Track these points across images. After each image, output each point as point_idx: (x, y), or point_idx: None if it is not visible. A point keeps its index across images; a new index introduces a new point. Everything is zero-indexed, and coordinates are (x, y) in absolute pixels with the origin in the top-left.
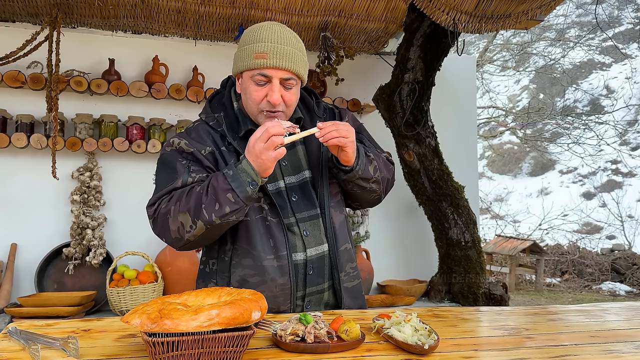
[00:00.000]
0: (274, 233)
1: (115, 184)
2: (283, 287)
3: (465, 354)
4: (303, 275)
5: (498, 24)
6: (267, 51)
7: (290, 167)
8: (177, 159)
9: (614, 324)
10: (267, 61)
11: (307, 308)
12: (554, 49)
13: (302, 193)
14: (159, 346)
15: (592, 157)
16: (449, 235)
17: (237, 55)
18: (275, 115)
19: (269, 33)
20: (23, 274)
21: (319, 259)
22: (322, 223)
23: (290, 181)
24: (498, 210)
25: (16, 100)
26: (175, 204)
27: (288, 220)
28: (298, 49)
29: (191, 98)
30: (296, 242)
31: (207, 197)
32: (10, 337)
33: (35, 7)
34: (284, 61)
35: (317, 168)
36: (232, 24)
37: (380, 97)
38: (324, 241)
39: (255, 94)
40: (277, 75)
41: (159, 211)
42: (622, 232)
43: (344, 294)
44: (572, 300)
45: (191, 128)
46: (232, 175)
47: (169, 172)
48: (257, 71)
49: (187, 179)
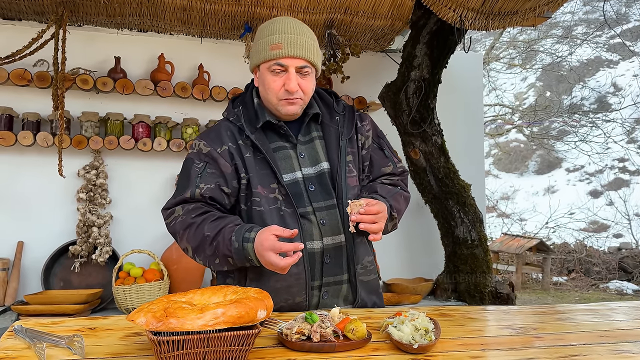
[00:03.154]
0: (287, 223)
1: (121, 182)
2: (297, 277)
3: (473, 353)
4: (320, 265)
5: (505, 21)
6: (282, 42)
7: (307, 159)
8: (194, 163)
9: (622, 324)
10: (282, 51)
11: (323, 299)
12: (561, 47)
13: (319, 183)
14: (164, 345)
15: (599, 155)
16: (455, 233)
17: (253, 50)
18: (293, 101)
19: (282, 25)
20: (29, 272)
21: (335, 249)
22: (339, 213)
23: (308, 172)
24: (504, 208)
25: (22, 98)
26: (185, 231)
27: (304, 209)
28: (311, 38)
29: (197, 96)
30: (312, 230)
31: (210, 248)
32: (16, 335)
33: (41, 6)
34: (298, 50)
35: (336, 161)
36: (237, 21)
37: (386, 95)
38: (341, 231)
39: (273, 84)
40: (292, 64)
41: (171, 224)
42: (630, 230)
43: (359, 287)
44: (579, 299)
45: (212, 128)
46: (236, 249)
47: (185, 178)
48: (273, 61)
49: (196, 191)
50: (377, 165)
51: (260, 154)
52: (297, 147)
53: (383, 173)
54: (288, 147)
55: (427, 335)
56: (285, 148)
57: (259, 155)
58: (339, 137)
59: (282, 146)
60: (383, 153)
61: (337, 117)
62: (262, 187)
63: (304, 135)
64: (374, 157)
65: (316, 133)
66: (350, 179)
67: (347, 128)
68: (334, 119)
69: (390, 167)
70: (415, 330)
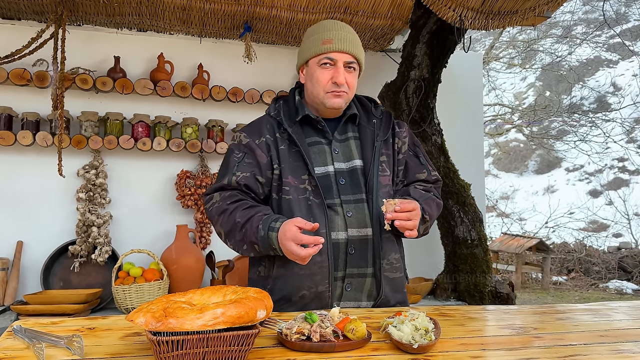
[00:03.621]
0: (314, 212)
1: (120, 182)
2: (320, 266)
3: (473, 353)
4: (344, 255)
5: (505, 20)
6: (333, 37)
7: (341, 155)
8: (233, 153)
9: (622, 323)
10: (333, 45)
11: (347, 290)
12: (560, 46)
13: (350, 178)
14: (163, 345)
15: (598, 154)
16: (455, 233)
17: (302, 48)
18: (339, 94)
19: (332, 24)
20: (29, 272)
21: (361, 241)
22: (367, 208)
23: (340, 167)
24: (504, 208)
25: (22, 98)
26: (219, 216)
27: (332, 200)
28: (357, 38)
29: (196, 96)
30: (338, 221)
31: (240, 234)
32: (15, 336)
33: (40, 5)
34: (348, 46)
35: (370, 159)
36: (237, 21)
37: (386, 95)
38: (368, 225)
39: (322, 77)
40: (341, 58)
41: (209, 209)
42: (629, 230)
43: (383, 282)
44: (578, 299)
45: (254, 121)
46: (262, 237)
47: (224, 166)
48: (324, 55)
49: (232, 178)
50: (412, 171)
51: (295, 147)
52: (332, 143)
53: (417, 179)
54: (324, 142)
55: (427, 335)
56: (321, 143)
57: (294, 148)
58: (374, 138)
59: (318, 141)
60: (418, 160)
61: (374, 120)
62: (292, 177)
63: (340, 134)
64: (409, 163)
65: (352, 133)
66: (382, 177)
67: (383, 131)
68: (370, 121)
69: (424, 174)
70: (415, 330)
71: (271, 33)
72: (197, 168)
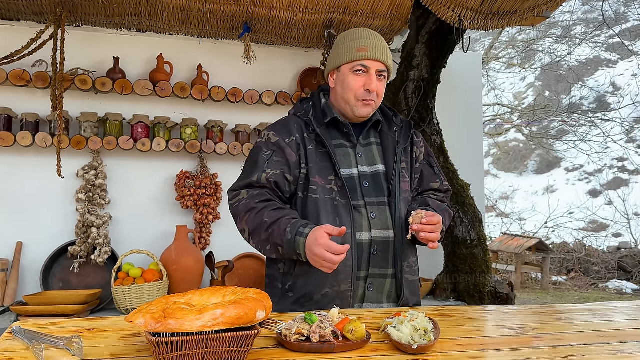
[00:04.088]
0: (340, 212)
1: (120, 183)
2: (344, 264)
3: (472, 354)
4: (367, 255)
5: (504, 20)
6: (368, 45)
7: (365, 159)
8: (262, 151)
9: (622, 324)
10: (368, 53)
11: (369, 291)
12: (559, 46)
13: (373, 181)
14: (163, 346)
15: (598, 154)
16: (454, 233)
17: (335, 53)
18: (369, 103)
19: (367, 32)
20: (28, 273)
21: (384, 243)
22: (389, 211)
23: (364, 170)
24: (504, 208)
25: (21, 98)
26: (246, 214)
27: (357, 202)
28: (388, 47)
29: (196, 96)
30: (362, 222)
31: (265, 234)
32: (15, 337)
33: (40, 6)
34: (382, 54)
35: (392, 165)
36: (236, 21)
37: (386, 95)
38: (390, 227)
39: (354, 83)
40: (374, 66)
41: (234, 205)
42: (629, 229)
43: (404, 284)
44: (578, 299)
45: (280, 121)
46: (288, 240)
47: (252, 163)
48: (358, 62)
49: (262, 175)
50: (427, 180)
51: (323, 148)
52: (357, 147)
53: (431, 188)
54: (348, 146)
55: (427, 336)
56: (345, 146)
57: (321, 149)
58: (395, 145)
59: (343, 144)
60: (433, 170)
61: (395, 128)
62: (320, 177)
63: (364, 139)
64: (424, 172)
65: (374, 139)
66: (403, 183)
67: (403, 138)
68: (392, 129)
69: (437, 184)
70: (414, 330)
71: (270, 34)
72: (197, 168)
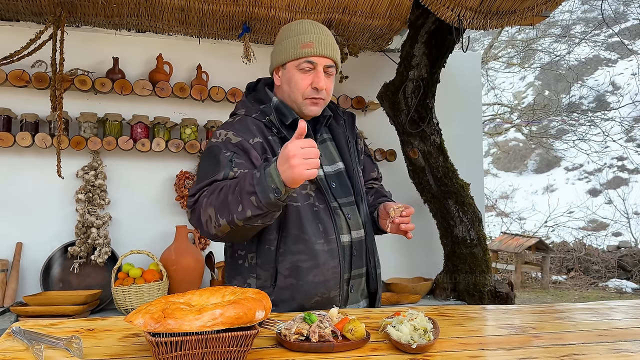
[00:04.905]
0: (322, 218)
1: (120, 183)
2: (334, 270)
3: (472, 353)
4: (349, 257)
5: (503, 20)
6: (313, 41)
7: (325, 159)
8: (222, 151)
9: (621, 323)
10: (314, 49)
11: (350, 292)
12: (559, 45)
13: (339, 181)
14: (162, 346)
15: (598, 153)
16: (454, 233)
17: (279, 49)
18: (317, 102)
19: (310, 26)
20: (28, 273)
21: (359, 242)
22: (357, 209)
23: (328, 170)
24: (503, 207)
25: (20, 99)
26: (209, 197)
27: (333, 204)
28: (334, 40)
29: (195, 96)
30: (342, 225)
31: (233, 196)
32: (14, 337)
33: (39, 6)
34: (328, 49)
35: (349, 161)
36: (236, 21)
37: (385, 95)
38: (361, 226)
39: (301, 82)
40: (321, 62)
41: (194, 204)
42: (629, 229)
43: (376, 280)
44: (578, 298)
45: (234, 121)
46: (258, 179)
47: (212, 163)
48: (304, 59)
49: (229, 172)
50: (368, 170)
51: None
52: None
53: (371, 178)
54: None
55: (426, 335)
56: None
57: None
58: (347, 140)
59: None
60: (370, 159)
61: (341, 121)
62: None
63: (319, 137)
64: (366, 162)
65: (327, 135)
66: (361, 178)
67: (350, 132)
68: (339, 122)
69: (375, 173)
70: (414, 330)
71: (270, 34)
72: (196, 169)
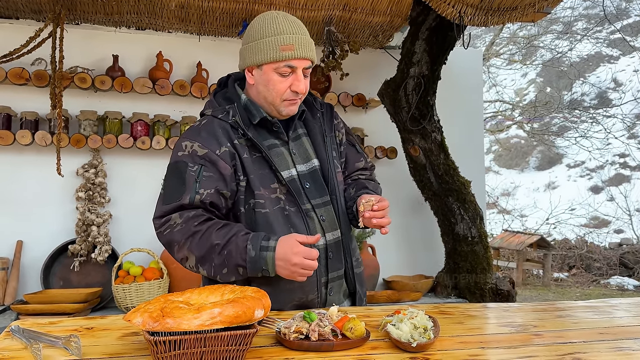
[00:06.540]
0: (294, 222)
1: (120, 181)
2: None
3: (472, 351)
4: (325, 260)
5: (505, 16)
6: (293, 43)
7: (299, 157)
8: (188, 167)
9: (623, 321)
10: (294, 52)
11: (330, 295)
12: (561, 42)
13: (313, 181)
14: (161, 345)
15: (599, 150)
16: (455, 230)
17: (254, 48)
18: (294, 102)
19: (287, 24)
20: (29, 271)
21: (336, 244)
22: (333, 209)
23: (302, 169)
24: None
25: (20, 97)
26: (187, 240)
27: (305, 206)
28: (310, 36)
29: (195, 94)
30: (315, 227)
31: (219, 258)
32: (13, 336)
33: (38, 4)
34: (308, 51)
35: (325, 157)
36: (235, 19)
37: (386, 92)
38: (337, 226)
39: (280, 85)
40: (301, 65)
41: (167, 233)
42: (631, 226)
43: (355, 279)
44: (580, 296)
45: (200, 126)
46: (252, 257)
47: (177, 182)
48: (284, 63)
49: (195, 197)
50: (352, 161)
51: (257, 153)
52: (289, 144)
53: (357, 169)
54: (279, 144)
55: (426, 334)
56: (277, 146)
57: (255, 154)
58: (323, 134)
59: (274, 144)
60: (355, 149)
61: (318, 115)
62: (263, 188)
63: (293, 133)
64: (349, 154)
65: (302, 130)
66: (338, 174)
67: (327, 125)
68: (315, 116)
69: (362, 163)
70: (414, 328)
71: None
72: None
